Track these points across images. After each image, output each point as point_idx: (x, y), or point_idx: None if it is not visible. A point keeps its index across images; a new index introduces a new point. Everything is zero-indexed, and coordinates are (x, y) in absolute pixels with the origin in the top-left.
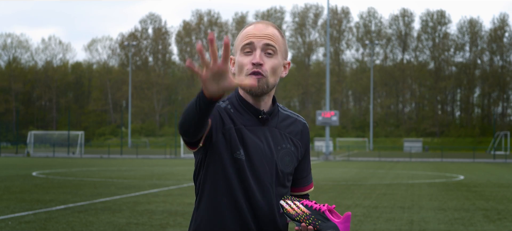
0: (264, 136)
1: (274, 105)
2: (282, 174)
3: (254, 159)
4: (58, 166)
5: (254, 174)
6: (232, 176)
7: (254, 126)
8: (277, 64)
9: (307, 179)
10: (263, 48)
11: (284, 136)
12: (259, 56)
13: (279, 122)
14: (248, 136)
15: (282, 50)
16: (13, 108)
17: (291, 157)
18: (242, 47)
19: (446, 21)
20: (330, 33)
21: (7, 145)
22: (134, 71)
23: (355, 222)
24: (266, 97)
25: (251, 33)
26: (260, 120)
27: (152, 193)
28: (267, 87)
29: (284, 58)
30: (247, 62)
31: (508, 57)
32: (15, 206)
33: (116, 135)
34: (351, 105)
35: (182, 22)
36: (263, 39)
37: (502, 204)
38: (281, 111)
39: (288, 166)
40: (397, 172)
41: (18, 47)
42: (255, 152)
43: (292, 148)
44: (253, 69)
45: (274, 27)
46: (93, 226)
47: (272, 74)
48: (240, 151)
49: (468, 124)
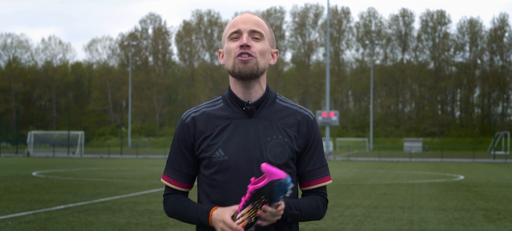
0: (251, 127)
1: (266, 95)
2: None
3: (234, 155)
4: (58, 166)
5: (237, 169)
6: (216, 177)
7: (241, 119)
8: (265, 48)
9: (311, 173)
10: (250, 33)
11: (276, 127)
12: (246, 39)
13: (273, 113)
14: (229, 132)
15: (269, 37)
16: (13, 108)
17: (283, 147)
18: (229, 35)
19: (446, 21)
20: (330, 33)
21: (7, 145)
22: (134, 71)
23: (355, 222)
24: (256, 84)
25: (238, 21)
26: (246, 111)
27: (152, 193)
28: (257, 68)
29: (272, 46)
30: (235, 46)
31: (508, 57)
32: (15, 206)
33: (116, 135)
34: (351, 105)
35: (182, 22)
36: (249, 25)
37: (502, 204)
38: (278, 102)
39: (279, 157)
40: (397, 172)
41: (18, 47)
42: (235, 147)
43: (285, 138)
44: (241, 51)
45: (261, 17)
46: (93, 226)
47: (261, 56)
48: (219, 151)
49: (468, 124)
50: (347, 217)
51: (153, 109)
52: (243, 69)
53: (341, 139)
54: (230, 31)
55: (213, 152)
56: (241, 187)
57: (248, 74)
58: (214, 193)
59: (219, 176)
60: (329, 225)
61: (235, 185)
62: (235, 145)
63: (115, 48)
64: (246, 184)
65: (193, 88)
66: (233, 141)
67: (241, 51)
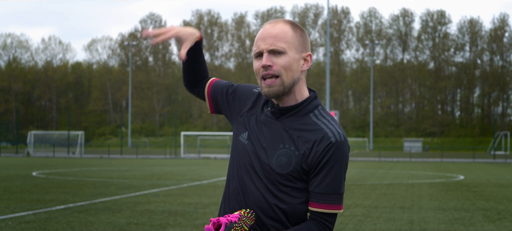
0: (272, 129)
1: (299, 105)
2: (272, 172)
3: (250, 145)
4: (58, 166)
5: (246, 159)
6: (235, 155)
7: (268, 118)
8: (289, 60)
9: (316, 196)
10: (270, 50)
11: (293, 138)
12: (265, 59)
13: (298, 124)
14: (257, 124)
15: (294, 44)
16: (13, 108)
17: (289, 158)
18: (254, 54)
19: (446, 21)
20: (330, 33)
21: (7, 145)
22: (134, 71)
23: (355, 222)
24: (290, 96)
25: (258, 38)
26: (272, 112)
27: (152, 193)
28: (283, 88)
29: (301, 52)
30: (258, 67)
31: (508, 57)
32: (15, 206)
33: (116, 135)
34: (351, 105)
35: (182, 22)
36: (268, 43)
37: (502, 204)
38: (312, 116)
39: (283, 166)
40: (397, 172)
41: (18, 47)
42: (253, 139)
43: (296, 152)
44: (263, 72)
45: (285, 22)
46: (93, 226)
47: (286, 72)
48: (245, 134)
49: (468, 124)
50: (347, 217)
51: (153, 109)
52: (269, 93)
53: None
54: (254, 51)
55: (242, 131)
56: (239, 174)
57: (274, 96)
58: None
59: (236, 152)
60: None
61: (237, 170)
62: (255, 136)
63: (115, 48)
64: (246, 174)
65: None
66: (254, 132)
67: (264, 73)
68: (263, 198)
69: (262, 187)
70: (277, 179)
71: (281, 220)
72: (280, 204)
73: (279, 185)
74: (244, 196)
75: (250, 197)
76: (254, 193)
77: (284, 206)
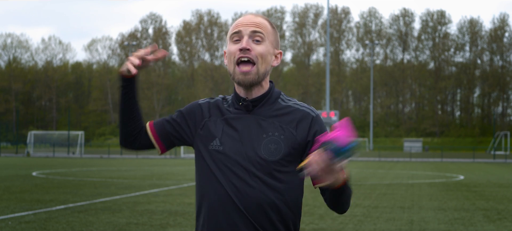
0: (247, 123)
1: (267, 93)
2: (265, 162)
3: (229, 148)
4: (58, 166)
5: (230, 162)
6: (211, 166)
7: (239, 115)
8: (266, 50)
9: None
10: (251, 35)
11: (274, 124)
12: (246, 42)
13: (272, 111)
14: (227, 125)
15: (271, 39)
16: (13, 108)
17: (278, 144)
18: (230, 36)
19: (446, 21)
20: (330, 33)
21: (7, 145)
22: None
23: (355, 222)
24: (258, 86)
25: (239, 23)
26: (243, 107)
27: (152, 193)
28: (258, 77)
29: (275, 48)
30: (235, 50)
31: (508, 57)
32: (15, 206)
33: (116, 135)
34: (351, 105)
35: (182, 22)
36: (250, 27)
37: (502, 204)
38: (280, 101)
39: (273, 154)
40: (397, 172)
41: (18, 47)
42: (229, 141)
43: (281, 136)
44: (240, 55)
45: (264, 18)
46: (93, 226)
47: (261, 61)
48: (216, 141)
49: (468, 124)
50: (347, 217)
51: (153, 110)
52: (243, 81)
53: None
54: (232, 32)
55: (210, 140)
56: (226, 182)
57: (248, 85)
58: (203, 173)
59: (211, 163)
60: (329, 225)
61: (221, 179)
62: (230, 136)
63: (115, 48)
64: (235, 178)
65: (193, 88)
66: (228, 134)
67: (240, 55)
68: (263, 194)
69: (259, 184)
70: (272, 168)
71: (283, 211)
72: (280, 196)
73: (275, 172)
74: (240, 200)
75: (247, 199)
76: (252, 193)
77: (283, 196)
